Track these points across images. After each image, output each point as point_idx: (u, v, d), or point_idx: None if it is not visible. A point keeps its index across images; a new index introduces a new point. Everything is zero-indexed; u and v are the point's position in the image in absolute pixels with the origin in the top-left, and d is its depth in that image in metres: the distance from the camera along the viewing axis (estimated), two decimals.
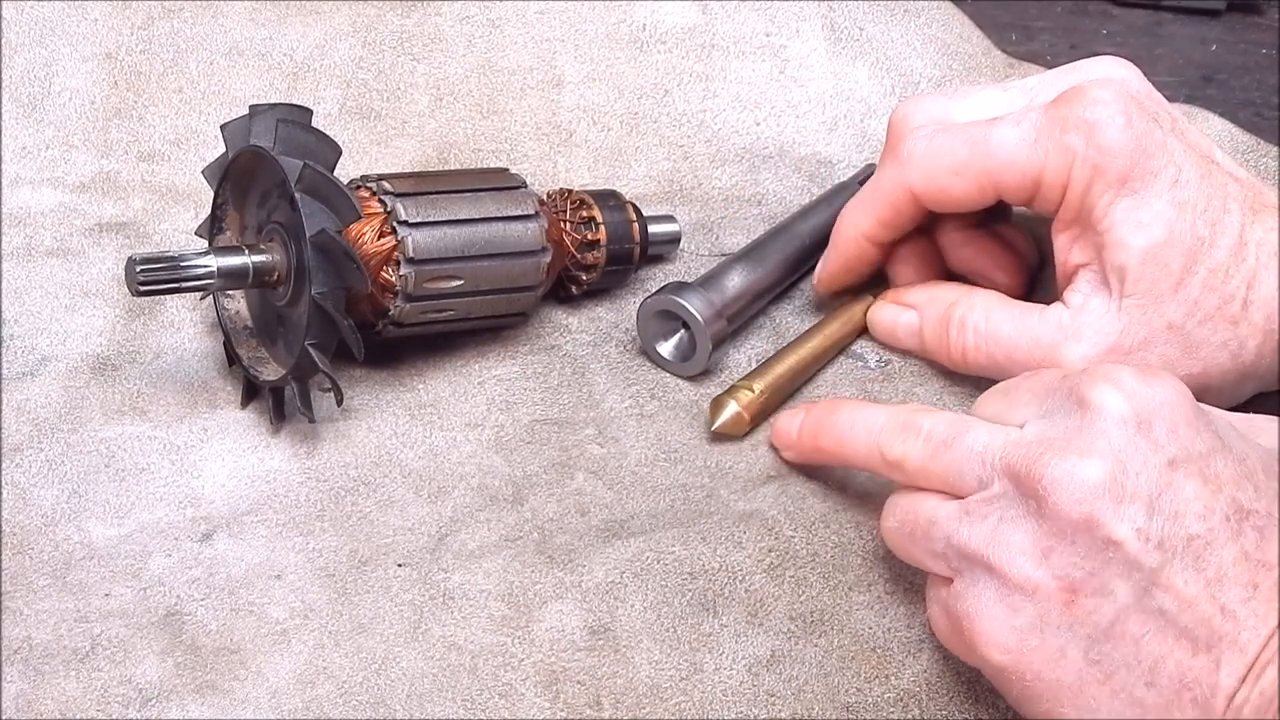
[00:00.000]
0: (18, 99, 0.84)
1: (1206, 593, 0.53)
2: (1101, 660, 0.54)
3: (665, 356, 0.75)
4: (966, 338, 0.73)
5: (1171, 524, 0.54)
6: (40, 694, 0.59)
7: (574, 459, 0.70)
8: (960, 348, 0.73)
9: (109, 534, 0.65)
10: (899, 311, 0.76)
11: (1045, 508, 0.55)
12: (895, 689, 0.63)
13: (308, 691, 0.61)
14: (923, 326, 0.75)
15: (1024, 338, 0.71)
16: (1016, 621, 0.56)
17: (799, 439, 0.68)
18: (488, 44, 0.91)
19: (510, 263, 0.71)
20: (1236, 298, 0.68)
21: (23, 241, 0.77)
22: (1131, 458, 0.55)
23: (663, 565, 0.66)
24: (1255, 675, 0.52)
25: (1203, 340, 0.68)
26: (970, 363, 0.73)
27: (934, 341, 0.74)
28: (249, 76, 0.87)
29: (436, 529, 0.67)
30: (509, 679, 0.62)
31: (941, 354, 0.74)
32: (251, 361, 0.70)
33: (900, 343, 0.76)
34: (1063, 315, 0.71)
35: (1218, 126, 0.89)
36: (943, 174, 0.72)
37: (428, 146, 0.85)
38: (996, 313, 0.73)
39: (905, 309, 0.76)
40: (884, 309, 0.76)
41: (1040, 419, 0.58)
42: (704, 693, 0.62)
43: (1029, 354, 0.71)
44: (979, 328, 0.73)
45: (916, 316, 0.75)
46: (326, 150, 0.68)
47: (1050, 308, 0.71)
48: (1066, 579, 0.55)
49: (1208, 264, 0.68)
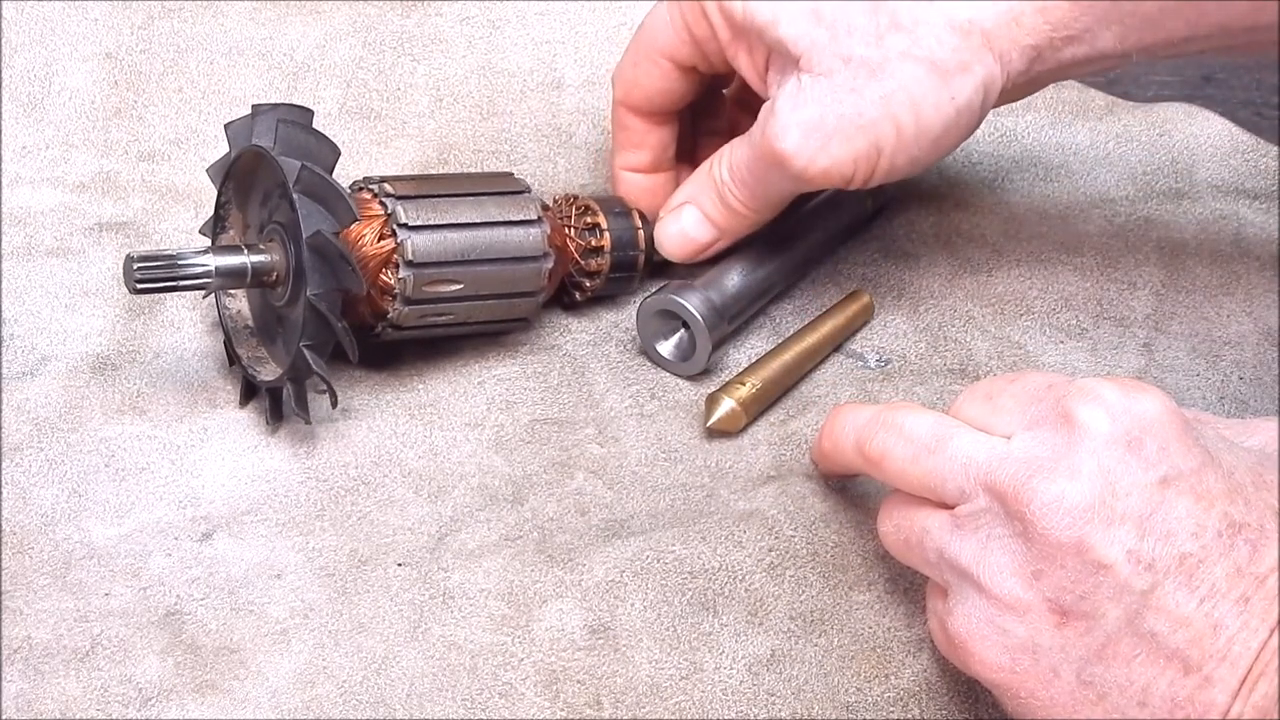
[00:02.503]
0: (18, 99, 0.84)
1: (1199, 611, 0.53)
2: (1094, 681, 0.54)
3: (665, 356, 0.75)
4: (726, 180, 0.73)
5: (1163, 544, 0.53)
6: (40, 694, 0.59)
7: (574, 459, 0.70)
8: (730, 195, 0.73)
9: (109, 533, 0.65)
10: (676, 215, 0.76)
11: (1033, 530, 0.54)
12: (895, 689, 0.63)
13: (308, 691, 0.61)
14: (702, 206, 0.75)
15: (748, 145, 0.72)
16: (1008, 642, 0.56)
17: (815, 447, 0.68)
18: (488, 45, 0.91)
19: (511, 268, 0.71)
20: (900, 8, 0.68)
21: (23, 241, 0.77)
22: (1121, 478, 0.54)
23: (663, 565, 0.66)
24: (1248, 689, 0.52)
25: (883, 58, 0.68)
26: (742, 200, 0.73)
27: (715, 210, 0.74)
28: (249, 76, 0.87)
29: (436, 529, 0.67)
30: (509, 678, 0.62)
31: (728, 215, 0.74)
32: (251, 361, 0.70)
33: (695, 242, 0.75)
34: (764, 108, 0.71)
35: (1218, 126, 0.89)
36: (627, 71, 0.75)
37: (428, 147, 0.85)
38: (737, 146, 0.73)
39: (680, 208, 0.75)
40: (663, 224, 0.76)
41: (1025, 432, 0.57)
42: (704, 692, 0.62)
43: (757, 152, 0.71)
44: (730, 164, 0.73)
45: (693, 206, 0.75)
46: (325, 151, 0.68)
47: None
48: (1057, 601, 0.54)
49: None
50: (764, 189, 0.73)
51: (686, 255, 0.76)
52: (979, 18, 0.68)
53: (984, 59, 0.68)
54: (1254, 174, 0.88)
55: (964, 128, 0.70)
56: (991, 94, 0.70)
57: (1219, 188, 0.87)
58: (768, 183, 0.72)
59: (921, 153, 0.70)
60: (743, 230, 0.75)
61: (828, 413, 0.68)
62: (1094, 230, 0.84)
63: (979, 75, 0.68)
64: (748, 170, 0.72)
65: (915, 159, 0.70)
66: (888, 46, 0.68)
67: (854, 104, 0.68)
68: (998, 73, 0.69)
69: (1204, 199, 0.87)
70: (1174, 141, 0.90)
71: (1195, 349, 0.78)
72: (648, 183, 0.78)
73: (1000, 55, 0.68)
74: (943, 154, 0.72)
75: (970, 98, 0.69)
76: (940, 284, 0.81)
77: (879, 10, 0.68)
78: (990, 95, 0.70)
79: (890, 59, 0.68)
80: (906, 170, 0.71)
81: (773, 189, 0.73)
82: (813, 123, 0.68)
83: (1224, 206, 0.86)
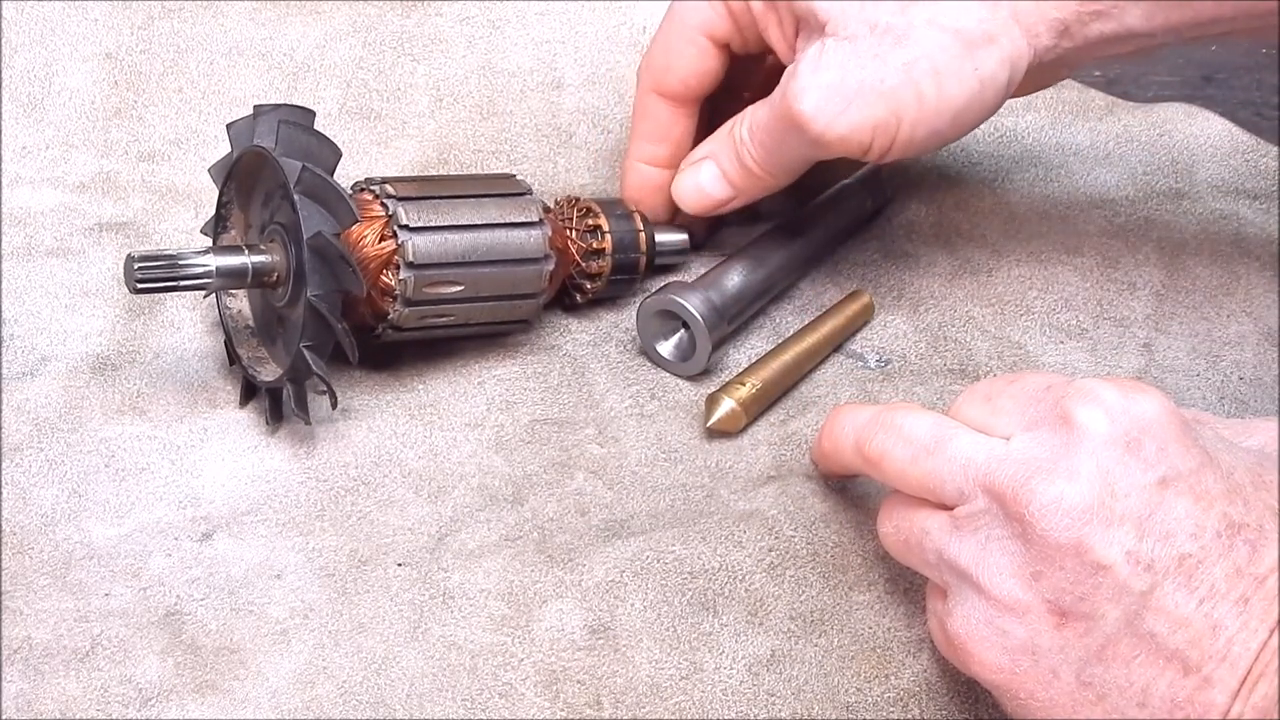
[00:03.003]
0: (18, 99, 0.84)
1: (1199, 611, 0.53)
2: (1093, 682, 0.54)
3: (665, 356, 0.75)
4: (745, 139, 0.73)
5: (1162, 545, 0.53)
6: (40, 694, 0.60)
7: (574, 459, 0.70)
8: (747, 155, 0.73)
9: (109, 534, 0.65)
10: (695, 169, 0.76)
11: (1032, 532, 0.54)
12: (895, 689, 0.63)
13: (308, 691, 0.61)
14: (719, 163, 0.75)
15: (768, 107, 0.72)
16: (1007, 643, 0.56)
17: (815, 447, 0.68)
18: (488, 45, 0.91)
19: (512, 270, 0.71)
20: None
21: (23, 241, 0.77)
22: (1120, 479, 0.54)
23: (663, 565, 0.66)
24: (1248, 690, 0.52)
25: (908, 25, 0.68)
26: (758, 161, 0.73)
27: (732, 167, 0.74)
28: (249, 76, 0.87)
29: (436, 529, 0.67)
30: (509, 679, 0.62)
31: (743, 175, 0.74)
32: (251, 361, 0.70)
33: (711, 198, 0.75)
34: (786, 70, 0.71)
35: (1218, 126, 0.90)
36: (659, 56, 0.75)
37: (428, 147, 0.85)
38: (758, 108, 0.73)
39: (700, 163, 0.75)
40: (682, 176, 0.76)
41: (1024, 433, 0.57)
42: (704, 692, 0.62)
43: (776, 113, 0.71)
44: (750, 125, 0.73)
45: (712, 162, 0.75)
46: (326, 152, 0.68)
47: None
48: (1056, 602, 0.54)
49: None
50: (781, 152, 0.72)
51: (701, 210, 0.76)
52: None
53: (1010, 32, 0.68)
54: (1254, 174, 0.88)
55: (987, 103, 0.70)
56: (1018, 70, 0.69)
57: (1219, 188, 0.88)
58: (785, 146, 0.72)
59: (943, 124, 0.70)
60: (757, 192, 0.75)
61: (828, 413, 0.68)
62: (1094, 230, 0.84)
63: (1005, 48, 0.68)
64: (766, 132, 0.72)
65: (936, 130, 0.70)
66: (913, 14, 0.68)
67: (876, 70, 0.68)
68: (1024, 47, 0.69)
69: (1204, 199, 0.87)
70: (1174, 141, 0.90)
71: (1195, 349, 0.78)
72: (661, 179, 0.78)
73: (1027, 29, 0.68)
74: (964, 130, 0.71)
75: (995, 70, 0.68)
76: (940, 284, 0.81)
77: None
78: (1016, 71, 0.69)
79: (915, 26, 0.68)
80: (925, 143, 0.70)
81: (790, 152, 0.72)
82: (833, 86, 0.68)
83: (1224, 206, 0.86)
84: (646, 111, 0.77)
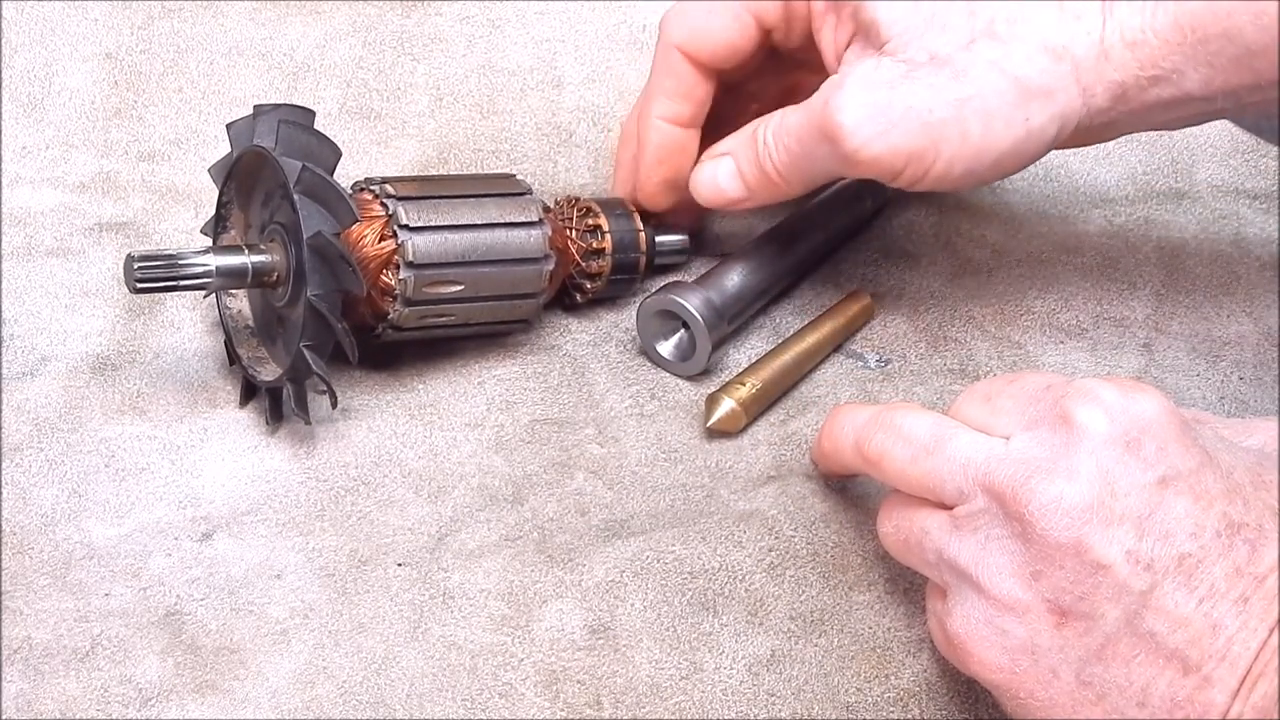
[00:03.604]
0: (18, 99, 0.84)
1: (1198, 611, 0.53)
2: (1093, 682, 0.54)
3: (665, 356, 0.75)
4: (769, 143, 0.71)
5: (1162, 544, 0.53)
6: (40, 694, 0.60)
7: (574, 459, 0.70)
8: (767, 159, 0.71)
9: (109, 534, 0.65)
10: (715, 163, 0.74)
11: (1031, 531, 0.55)
12: (895, 689, 0.63)
13: (308, 691, 0.61)
14: (738, 162, 0.73)
15: (804, 113, 0.69)
16: (1007, 642, 0.56)
17: (815, 447, 0.68)
18: (488, 44, 0.91)
19: (512, 269, 0.71)
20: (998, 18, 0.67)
21: (23, 241, 0.77)
22: (1119, 478, 0.54)
23: (663, 565, 0.66)
24: (1248, 689, 0.52)
25: (969, 63, 0.66)
26: (780, 169, 0.71)
27: (749, 169, 0.72)
28: (249, 76, 0.87)
29: (436, 529, 0.67)
30: (509, 679, 0.62)
31: (760, 179, 0.72)
32: (251, 361, 0.70)
33: (726, 193, 0.73)
34: (830, 79, 0.69)
35: (1218, 126, 0.89)
36: (699, 16, 0.72)
37: (428, 147, 0.85)
38: (790, 113, 0.71)
39: (720, 157, 0.74)
40: (702, 168, 0.74)
41: (1024, 433, 0.57)
42: (704, 692, 0.62)
43: (813, 120, 0.68)
44: (775, 129, 0.71)
45: (731, 159, 0.73)
46: (326, 152, 0.68)
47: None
48: (1056, 602, 0.54)
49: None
50: (806, 161, 0.70)
51: (715, 204, 0.74)
52: (1072, 45, 0.66)
53: (1069, 88, 0.66)
54: (1254, 174, 0.88)
55: (1030, 154, 0.68)
56: (1067, 126, 0.67)
57: (1219, 188, 0.88)
58: (813, 155, 0.69)
59: (981, 168, 0.68)
60: (772, 198, 0.73)
61: (828, 413, 0.68)
62: (1094, 230, 0.84)
63: (1060, 103, 0.66)
64: (796, 138, 0.70)
65: (971, 172, 0.68)
66: (977, 52, 0.66)
67: (927, 99, 0.66)
68: (1079, 105, 0.67)
69: (1204, 199, 0.87)
70: (1174, 141, 0.89)
71: (1195, 349, 0.78)
72: (683, 137, 0.75)
73: (1085, 88, 0.66)
74: (1000, 175, 0.69)
75: (1045, 124, 0.67)
76: (940, 284, 0.81)
77: (976, 14, 0.66)
78: (1066, 127, 0.68)
79: (976, 65, 0.66)
80: (959, 182, 0.68)
81: (815, 163, 0.70)
82: (879, 105, 0.66)
83: (1224, 206, 0.86)
84: (670, 67, 0.74)
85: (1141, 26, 0.66)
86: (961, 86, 0.66)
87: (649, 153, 0.75)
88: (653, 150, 0.75)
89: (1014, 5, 0.67)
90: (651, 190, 0.76)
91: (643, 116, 0.75)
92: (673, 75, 0.74)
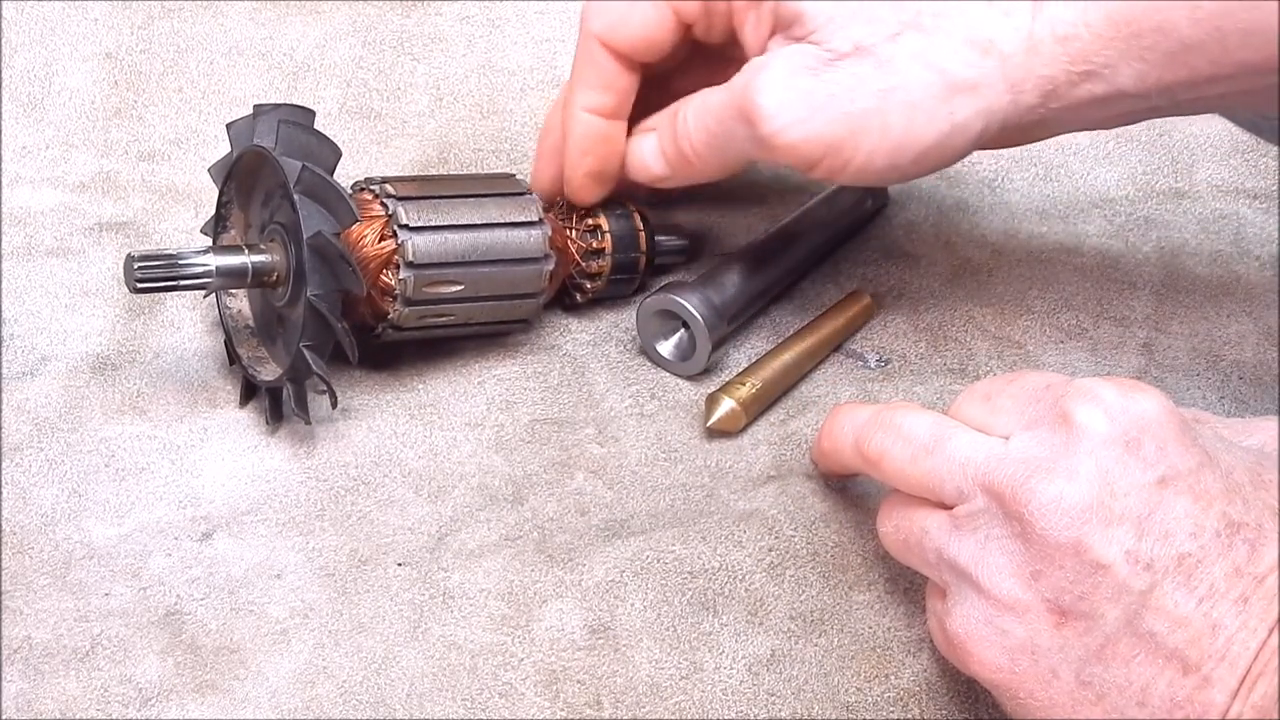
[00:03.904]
0: (18, 99, 0.84)
1: (1198, 611, 0.53)
2: (1093, 682, 0.54)
3: (665, 356, 0.75)
4: (688, 120, 0.70)
5: (1161, 544, 0.53)
6: (40, 694, 0.60)
7: (574, 459, 0.70)
8: (685, 138, 0.70)
9: (109, 533, 0.65)
10: (641, 138, 0.73)
11: (1031, 531, 0.55)
12: (895, 689, 0.63)
13: (308, 691, 0.61)
14: (660, 139, 0.72)
15: (725, 93, 0.68)
16: (1007, 642, 0.56)
17: (815, 447, 0.68)
18: (488, 44, 0.91)
19: (512, 269, 0.71)
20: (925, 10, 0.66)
21: (23, 241, 0.77)
22: (1119, 478, 0.54)
23: (663, 564, 0.66)
24: (1248, 689, 0.52)
25: (893, 54, 0.65)
26: (695, 147, 0.70)
27: (670, 146, 0.71)
28: (249, 76, 0.87)
29: (436, 528, 0.67)
30: (509, 678, 0.62)
31: (678, 159, 0.71)
32: (251, 361, 0.70)
33: (651, 170, 0.73)
34: (753, 61, 0.68)
35: (1218, 126, 0.89)
36: (617, 7, 0.71)
37: (428, 146, 0.85)
38: (712, 92, 0.70)
39: (646, 133, 0.73)
40: (631, 142, 0.73)
41: (1024, 432, 0.57)
42: (704, 692, 0.62)
43: (732, 99, 0.67)
44: (696, 107, 0.70)
45: (655, 136, 0.72)
46: (326, 152, 0.68)
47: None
48: (1055, 602, 0.54)
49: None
50: (724, 141, 0.69)
51: (642, 180, 0.74)
52: (999, 39, 0.65)
53: (995, 84, 0.65)
54: (1254, 174, 0.88)
55: (954, 150, 0.67)
56: (994, 122, 0.66)
57: (1219, 188, 0.88)
58: (731, 136, 0.68)
59: (903, 161, 0.67)
60: (690, 178, 0.72)
61: (828, 413, 0.68)
62: (1094, 230, 0.84)
63: (986, 98, 0.66)
64: (715, 117, 0.68)
65: (893, 165, 0.67)
66: (901, 44, 0.65)
67: (850, 88, 0.65)
68: (1006, 101, 0.66)
69: (1204, 199, 0.87)
70: (1174, 141, 0.90)
71: (1195, 349, 0.78)
72: (607, 128, 0.73)
73: (1013, 84, 0.65)
74: (925, 170, 0.68)
75: (969, 119, 0.66)
76: (940, 284, 0.81)
77: (903, 6, 0.66)
78: (992, 123, 0.66)
79: (900, 56, 0.65)
80: (881, 175, 0.67)
81: (732, 145, 0.69)
82: (801, 90, 0.65)
83: (1224, 206, 0.86)
84: (591, 58, 0.73)
85: (1073, 20, 0.65)
86: (885, 77, 0.65)
87: (573, 144, 0.74)
88: (576, 141, 0.73)
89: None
90: (579, 183, 0.75)
91: (567, 106, 0.74)
92: (594, 66, 0.72)
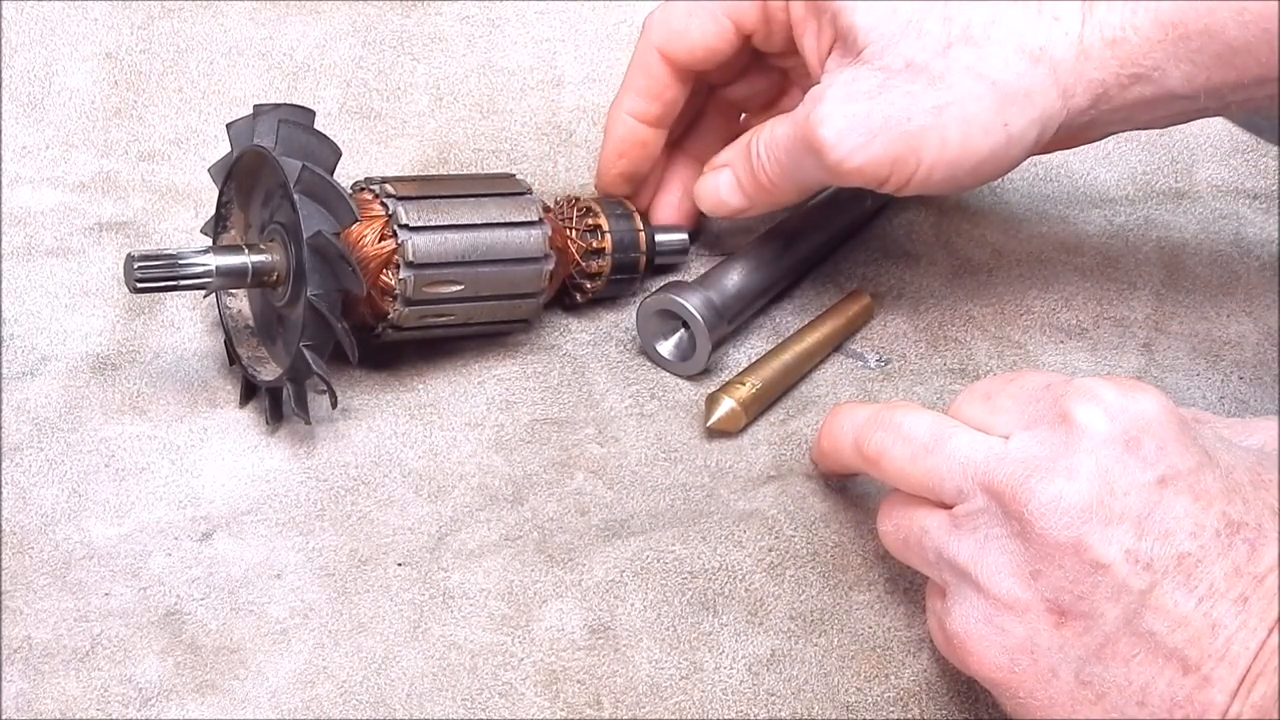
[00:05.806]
0: (18, 99, 0.84)
1: (1198, 610, 0.53)
2: (1093, 681, 0.54)
3: (665, 356, 0.75)
4: (760, 154, 0.72)
5: (1161, 543, 0.53)
6: (40, 693, 0.60)
7: (574, 459, 0.70)
8: (761, 170, 0.72)
9: (109, 533, 0.65)
10: (716, 174, 0.75)
11: (1031, 530, 0.55)
12: (895, 689, 0.63)
13: (308, 691, 0.61)
14: (737, 174, 0.74)
15: (790, 125, 0.70)
16: (1007, 642, 0.56)
17: (814, 446, 0.68)
18: (488, 44, 0.91)
19: (512, 269, 0.71)
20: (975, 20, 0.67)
21: (23, 241, 0.77)
22: (1119, 478, 0.54)
23: (663, 564, 0.66)
24: (1247, 689, 0.52)
25: (946, 68, 0.66)
26: (772, 178, 0.72)
27: (747, 179, 0.73)
28: (249, 76, 0.87)
29: (436, 528, 0.67)
30: (509, 678, 0.62)
31: (758, 189, 0.73)
32: (251, 361, 0.70)
33: (728, 205, 0.74)
34: (812, 91, 0.69)
35: (1218, 126, 0.89)
36: (678, 18, 0.73)
37: (428, 146, 0.85)
38: (778, 124, 0.71)
39: (720, 169, 0.75)
40: (703, 180, 0.75)
41: (1024, 432, 0.57)
42: (704, 692, 0.62)
43: (797, 133, 0.69)
44: (765, 139, 0.72)
45: (730, 171, 0.74)
46: (326, 152, 0.68)
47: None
48: (1055, 601, 0.54)
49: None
50: (796, 171, 0.71)
51: (717, 214, 0.76)
52: (1050, 46, 0.66)
53: (1047, 91, 0.66)
54: (1254, 174, 0.88)
55: (1012, 158, 0.68)
56: (1048, 129, 0.67)
57: (1219, 188, 0.88)
58: (800, 166, 0.70)
59: (962, 173, 0.68)
60: (771, 205, 0.74)
61: (828, 412, 0.68)
62: (1094, 230, 0.84)
63: (1039, 106, 0.66)
64: (784, 149, 0.71)
65: (953, 178, 0.68)
66: (953, 58, 0.66)
67: (905, 107, 0.66)
68: (1059, 107, 0.67)
69: (1204, 199, 0.87)
70: (1174, 141, 0.90)
71: (1195, 349, 0.78)
72: (647, 135, 0.76)
73: (1064, 90, 0.66)
74: (983, 180, 0.70)
75: (1025, 129, 0.67)
76: (940, 284, 0.81)
77: (953, 19, 0.66)
78: (1046, 130, 0.67)
79: (953, 70, 0.66)
80: (943, 187, 0.69)
81: (804, 174, 0.71)
82: (858, 116, 0.67)
83: (1224, 206, 0.86)
84: (646, 67, 0.75)
85: (1121, 24, 0.66)
86: (939, 94, 0.66)
87: (611, 144, 0.77)
88: (614, 143, 0.76)
89: (991, 7, 0.67)
90: (609, 180, 0.77)
91: (613, 109, 0.77)
92: (647, 74, 0.75)
